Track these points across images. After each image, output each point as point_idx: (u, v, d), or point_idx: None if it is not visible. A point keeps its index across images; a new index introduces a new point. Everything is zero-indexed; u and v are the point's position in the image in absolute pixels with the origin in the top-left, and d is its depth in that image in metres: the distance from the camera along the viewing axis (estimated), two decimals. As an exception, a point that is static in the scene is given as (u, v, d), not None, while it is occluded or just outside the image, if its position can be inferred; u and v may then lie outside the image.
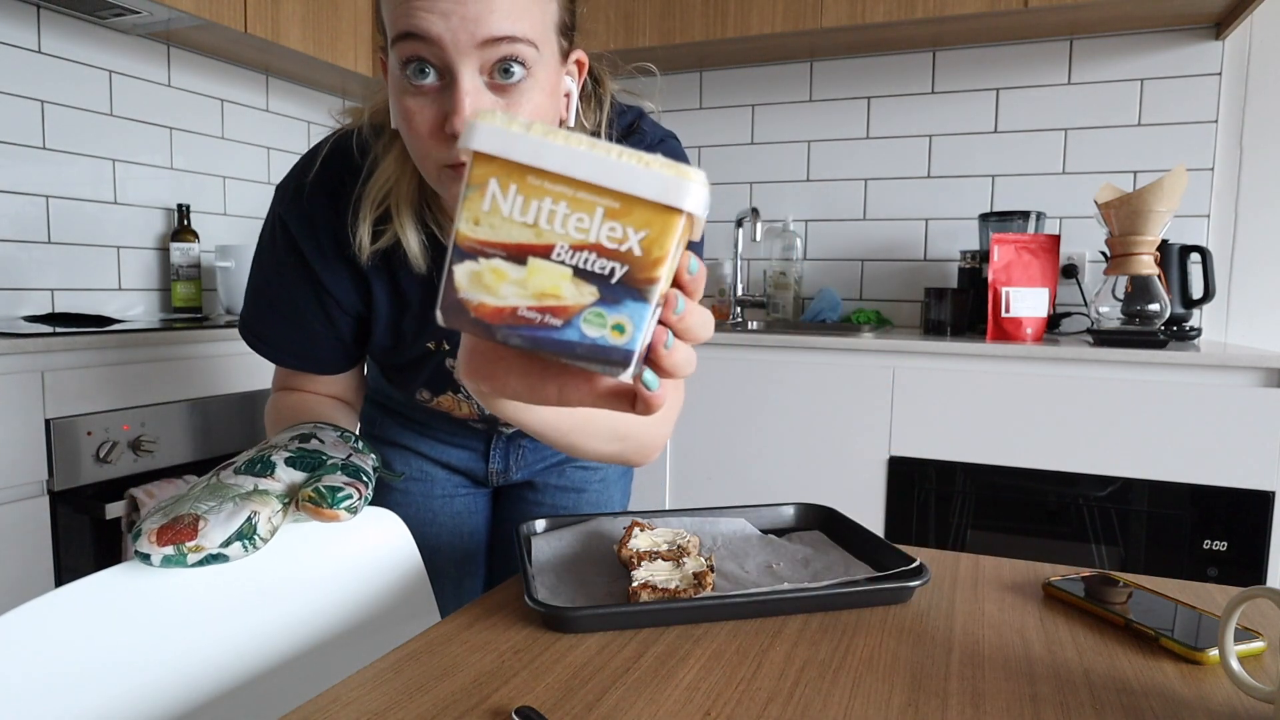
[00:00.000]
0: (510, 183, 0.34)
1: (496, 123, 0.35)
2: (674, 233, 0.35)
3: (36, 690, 0.53)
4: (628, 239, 0.34)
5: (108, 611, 0.58)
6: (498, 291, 0.36)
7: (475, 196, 0.35)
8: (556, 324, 0.36)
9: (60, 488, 1.42)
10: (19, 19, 1.82)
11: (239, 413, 1.73)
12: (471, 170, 0.35)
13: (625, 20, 2.18)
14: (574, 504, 1.08)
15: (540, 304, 0.36)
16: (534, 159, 0.34)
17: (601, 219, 0.34)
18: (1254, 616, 0.66)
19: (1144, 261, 1.69)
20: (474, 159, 0.35)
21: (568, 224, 0.35)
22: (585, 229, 0.35)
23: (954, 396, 1.72)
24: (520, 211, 0.35)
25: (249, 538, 0.63)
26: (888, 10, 1.94)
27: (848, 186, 2.35)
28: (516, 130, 0.34)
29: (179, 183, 2.20)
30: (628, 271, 0.35)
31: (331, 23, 2.24)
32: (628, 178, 0.34)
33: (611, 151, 0.34)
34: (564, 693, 0.53)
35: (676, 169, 0.34)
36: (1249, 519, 1.55)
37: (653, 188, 0.34)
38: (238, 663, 0.65)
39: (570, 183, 0.35)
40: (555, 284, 0.35)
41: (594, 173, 0.34)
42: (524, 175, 0.34)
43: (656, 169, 0.34)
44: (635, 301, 0.36)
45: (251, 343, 0.86)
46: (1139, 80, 2.05)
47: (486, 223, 0.35)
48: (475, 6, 0.60)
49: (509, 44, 0.61)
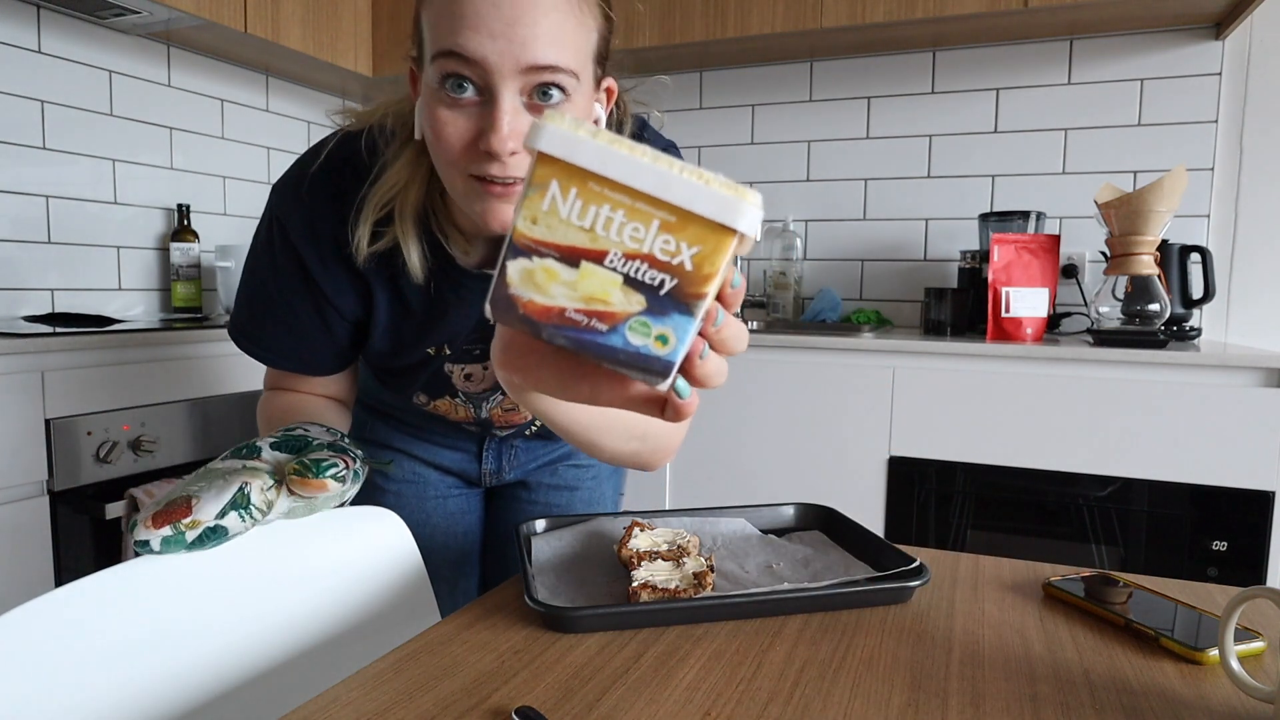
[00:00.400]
0: (571, 186, 0.35)
1: (564, 126, 0.35)
2: (726, 251, 0.35)
3: (36, 690, 0.53)
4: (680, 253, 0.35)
5: (108, 611, 0.58)
6: (548, 291, 0.36)
7: (535, 196, 0.35)
8: (602, 329, 0.36)
9: (60, 488, 1.42)
10: (19, 19, 1.82)
11: (239, 413, 1.73)
12: (534, 170, 0.35)
13: (625, 20, 2.18)
14: (567, 501, 1.08)
15: (588, 307, 0.36)
16: (597, 165, 0.35)
17: (657, 231, 0.35)
18: (1254, 616, 0.66)
19: (1144, 261, 1.69)
20: (537, 159, 0.35)
21: (623, 232, 0.35)
22: (640, 239, 0.35)
23: (954, 396, 1.72)
24: (578, 215, 0.35)
25: (244, 508, 0.63)
26: (888, 10, 1.94)
27: (848, 186, 2.35)
28: (583, 135, 0.34)
29: (179, 183, 2.20)
30: (677, 285, 0.36)
31: (331, 23, 2.24)
32: (687, 193, 0.35)
33: (674, 166, 0.35)
34: (564, 693, 0.53)
35: (735, 189, 0.35)
36: (1249, 519, 1.55)
37: (710, 206, 0.35)
38: (237, 663, 0.65)
39: (630, 192, 0.35)
40: (605, 289, 0.36)
41: (654, 185, 0.35)
42: (585, 180, 0.35)
43: (716, 188, 0.35)
44: (681, 314, 0.36)
45: (243, 345, 0.85)
46: (1139, 80, 2.05)
47: (544, 223, 0.35)
48: (523, 31, 0.61)
49: (551, 72, 0.62)
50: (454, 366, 0.87)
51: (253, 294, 0.83)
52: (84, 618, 0.57)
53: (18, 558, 1.37)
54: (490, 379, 0.89)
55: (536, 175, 0.35)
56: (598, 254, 0.36)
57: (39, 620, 0.54)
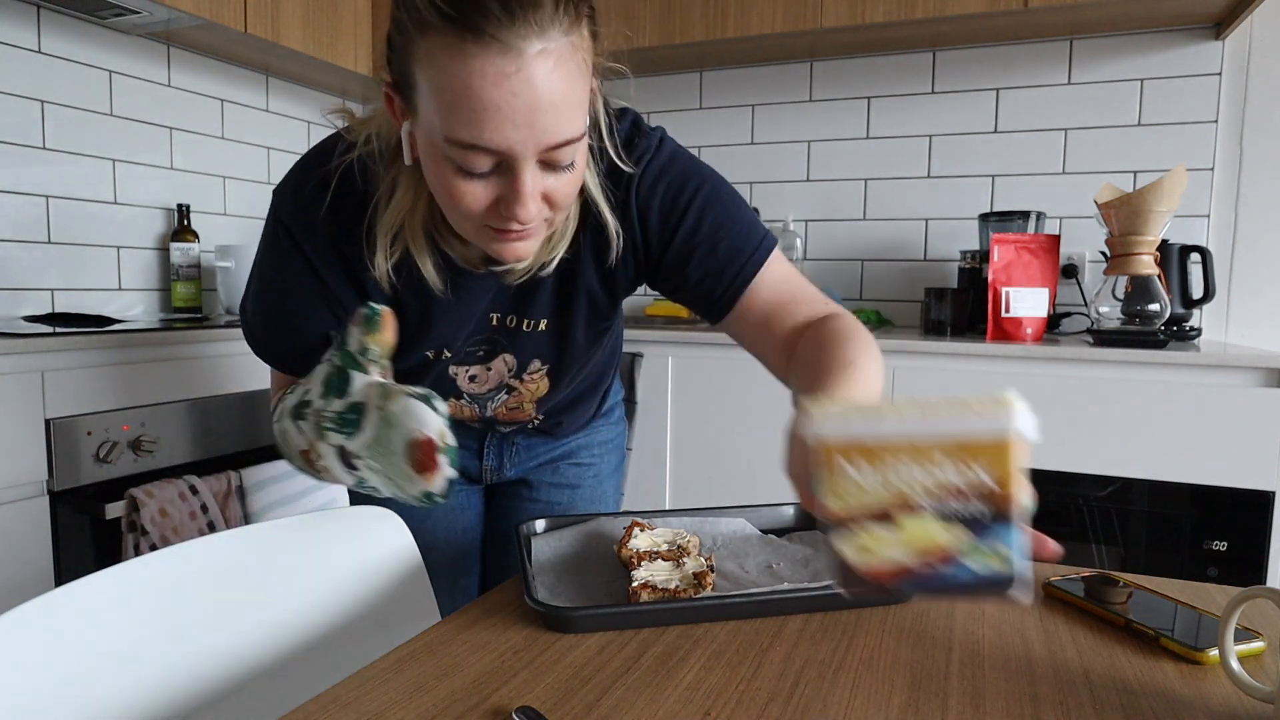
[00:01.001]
0: (857, 457, 0.38)
1: (833, 412, 0.38)
2: (1013, 457, 0.37)
3: (37, 690, 0.53)
4: (975, 474, 0.38)
5: (108, 611, 0.58)
6: (881, 553, 0.39)
7: (832, 476, 0.38)
8: (944, 569, 0.39)
9: (60, 488, 1.42)
10: (19, 19, 1.82)
11: (239, 413, 1.73)
12: (821, 454, 0.38)
13: (625, 20, 2.18)
14: (568, 500, 1.08)
15: (923, 555, 0.39)
16: (871, 432, 0.38)
17: (947, 466, 0.38)
18: (1254, 616, 0.66)
19: (1144, 261, 1.69)
20: (821, 445, 0.38)
21: (918, 477, 0.38)
22: (935, 478, 0.38)
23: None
24: (874, 479, 0.38)
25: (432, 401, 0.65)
26: (888, 10, 1.94)
27: (848, 186, 2.35)
28: (853, 415, 0.38)
29: (179, 183, 2.20)
30: (987, 503, 0.38)
31: (331, 23, 2.24)
32: (955, 424, 0.37)
33: (935, 408, 0.37)
34: (564, 693, 0.53)
35: (994, 402, 0.37)
36: (1249, 519, 1.55)
37: (980, 426, 0.37)
38: (238, 662, 0.65)
39: (907, 444, 0.38)
40: (928, 534, 0.39)
41: (924, 430, 0.38)
42: (867, 448, 0.38)
43: (977, 409, 0.37)
44: (1003, 525, 0.38)
45: (259, 351, 0.85)
46: (1139, 80, 2.05)
47: (849, 496, 0.38)
48: (544, 120, 0.61)
49: (568, 145, 0.64)
50: (458, 369, 0.87)
51: (263, 300, 0.82)
52: (84, 618, 0.57)
53: (18, 558, 1.37)
54: (494, 379, 0.89)
55: (825, 458, 0.38)
56: (907, 505, 0.38)
57: (39, 620, 0.54)
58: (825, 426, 0.38)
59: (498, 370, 0.87)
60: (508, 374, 0.88)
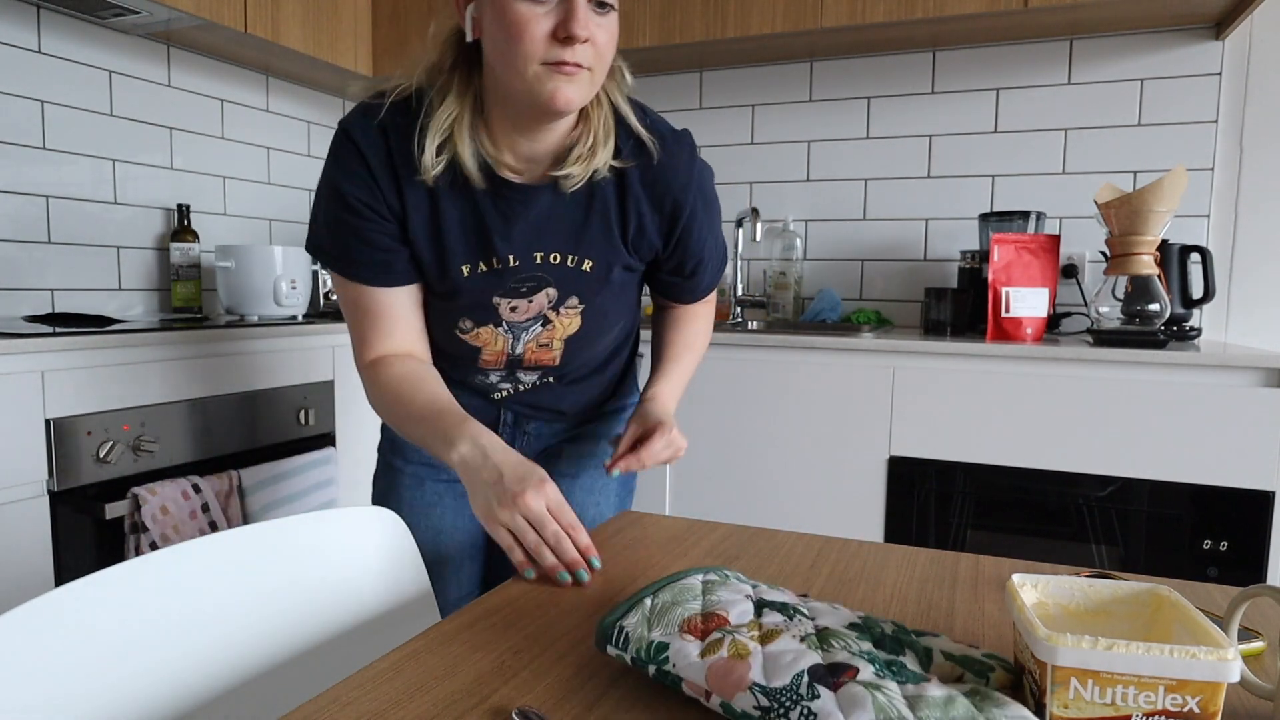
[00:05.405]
0: (1088, 679, 0.45)
1: (1070, 644, 0.45)
2: (1223, 693, 0.45)
3: (37, 690, 0.53)
4: (1188, 704, 0.45)
5: (108, 611, 0.58)
6: None
7: (1062, 690, 0.46)
8: None
9: (60, 488, 1.42)
10: (19, 19, 1.82)
11: (239, 413, 1.73)
12: (1054, 671, 0.46)
13: (625, 20, 2.18)
14: (566, 490, 1.09)
15: None
16: (1105, 667, 0.45)
17: (1164, 694, 0.45)
18: (1254, 616, 0.66)
19: (1144, 261, 1.69)
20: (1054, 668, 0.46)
21: (1138, 699, 0.45)
22: (1153, 702, 0.45)
23: (954, 396, 1.72)
24: (1099, 695, 0.46)
25: None
26: (888, 10, 1.94)
27: (848, 186, 2.35)
28: (1088, 649, 0.45)
29: (179, 183, 2.20)
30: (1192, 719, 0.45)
31: (331, 23, 2.24)
32: (1182, 668, 0.44)
33: (1164, 651, 0.44)
34: (564, 693, 0.53)
35: (1218, 654, 0.44)
36: (1249, 519, 1.55)
37: (1204, 672, 0.44)
38: (238, 662, 0.65)
39: (1136, 679, 0.45)
40: None
41: (1154, 668, 0.44)
42: (1098, 674, 0.45)
43: (1203, 658, 0.44)
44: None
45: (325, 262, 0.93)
46: (1139, 80, 2.05)
47: (1074, 707, 0.46)
48: None
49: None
50: (501, 299, 0.94)
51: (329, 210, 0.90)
52: (84, 618, 0.57)
53: (18, 558, 1.37)
54: (533, 310, 0.95)
55: (1058, 675, 0.45)
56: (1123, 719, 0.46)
57: (39, 620, 0.54)
58: (1066, 659, 0.45)
59: (538, 302, 0.95)
60: (547, 304, 0.96)
